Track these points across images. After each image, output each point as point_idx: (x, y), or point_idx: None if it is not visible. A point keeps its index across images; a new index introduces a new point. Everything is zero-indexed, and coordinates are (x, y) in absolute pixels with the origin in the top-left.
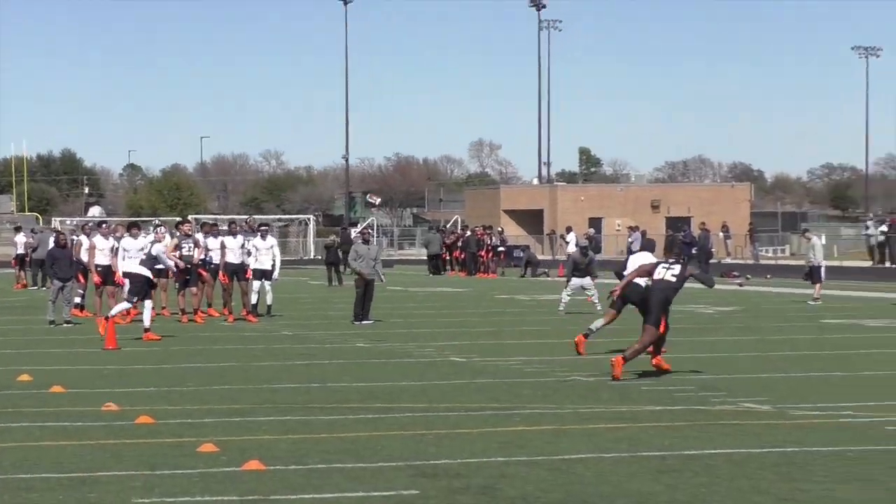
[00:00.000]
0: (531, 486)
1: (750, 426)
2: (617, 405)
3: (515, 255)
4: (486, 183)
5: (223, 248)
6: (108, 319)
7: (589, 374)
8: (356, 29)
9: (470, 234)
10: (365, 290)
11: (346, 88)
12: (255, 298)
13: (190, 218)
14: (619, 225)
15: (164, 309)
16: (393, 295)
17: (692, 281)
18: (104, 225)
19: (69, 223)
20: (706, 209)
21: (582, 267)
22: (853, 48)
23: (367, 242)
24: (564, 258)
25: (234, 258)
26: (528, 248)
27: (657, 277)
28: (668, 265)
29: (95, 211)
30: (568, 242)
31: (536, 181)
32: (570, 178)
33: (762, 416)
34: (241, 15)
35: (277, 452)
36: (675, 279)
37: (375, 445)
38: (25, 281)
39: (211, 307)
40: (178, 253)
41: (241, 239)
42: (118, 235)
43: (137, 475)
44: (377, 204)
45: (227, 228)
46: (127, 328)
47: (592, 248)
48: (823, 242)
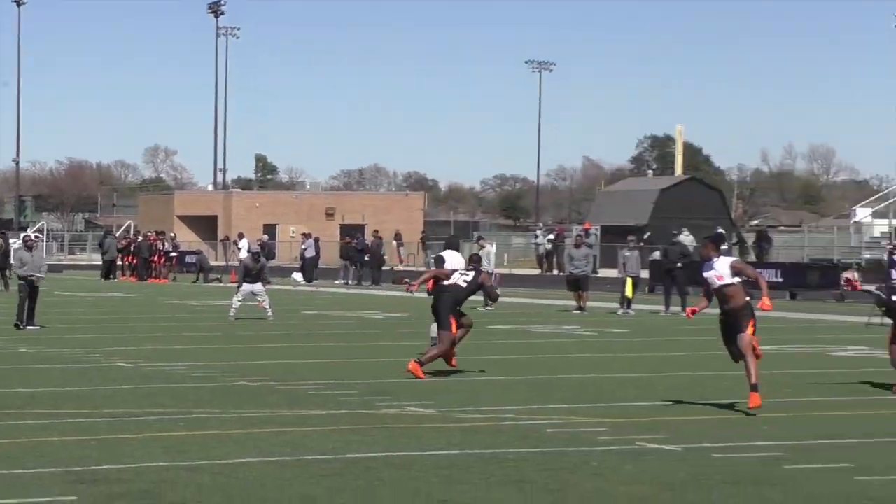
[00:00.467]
0: (192, 490)
1: (414, 429)
2: (282, 409)
3: (188, 260)
4: (161, 188)
5: None
6: None
7: (255, 378)
8: (29, 31)
9: (142, 239)
10: (30, 294)
11: (17, 90)
12: None
13: None
14: (293, 232)
15: None
16: (61, 300)
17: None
18: None
19: None
20: (380, 217)
21: (254, 273)
22: (527, 62)
23: (30, 249)
24: (237, 264)
25: None
26: (201, 253)
27: (449, 283)
28: (464, 272)
29: None
30: (240, 248)
31: (211, 187)
32: (245, 184)
33: (427, 419)
34: None
35: None
36: (466, 285)
37: (35, 452)
38: None
39: None
40: None
41: None
42: None
43: None
44: None
45: None
46: None
47: (266, 254)
48: (494, 250)
